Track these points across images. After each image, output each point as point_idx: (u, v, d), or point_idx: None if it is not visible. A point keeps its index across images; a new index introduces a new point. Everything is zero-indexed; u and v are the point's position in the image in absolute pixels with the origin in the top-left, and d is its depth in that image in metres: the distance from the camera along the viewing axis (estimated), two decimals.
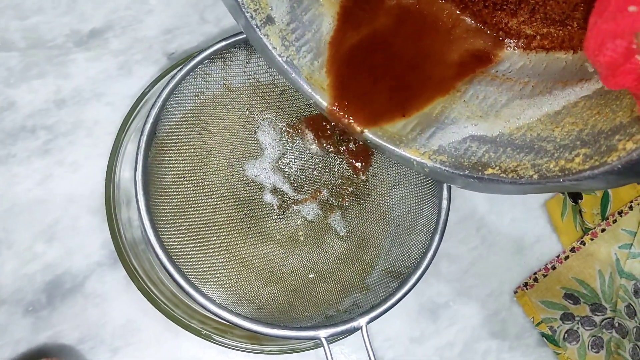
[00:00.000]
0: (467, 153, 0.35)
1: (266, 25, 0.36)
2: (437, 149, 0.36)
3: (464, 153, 0.35)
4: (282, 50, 0.36)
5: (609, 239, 0.52)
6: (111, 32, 0.51)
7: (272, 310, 0.44)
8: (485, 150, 0.34)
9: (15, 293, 0.47)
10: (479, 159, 0.34)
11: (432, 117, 0.36)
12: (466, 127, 0.36)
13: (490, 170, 0.33)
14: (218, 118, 0.47)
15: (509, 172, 0.33)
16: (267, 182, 0.48)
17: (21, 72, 0.49)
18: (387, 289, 0.43)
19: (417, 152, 0.36)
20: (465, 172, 0.34)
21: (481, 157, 0.34)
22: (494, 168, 0.33)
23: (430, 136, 0.36)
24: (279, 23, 0.36)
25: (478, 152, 0.34)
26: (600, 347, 0.51)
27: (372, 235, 0.48)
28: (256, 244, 0.46)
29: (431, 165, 0.35)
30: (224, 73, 0.45)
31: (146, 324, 0.48)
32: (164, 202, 0.43)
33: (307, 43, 0.37)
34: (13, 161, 0.48)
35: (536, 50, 0.37)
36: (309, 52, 0.37)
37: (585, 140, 0.30)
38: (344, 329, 0.40)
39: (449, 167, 0.35)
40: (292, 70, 0.37)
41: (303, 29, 0.37)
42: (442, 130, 0.36)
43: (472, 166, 0.34)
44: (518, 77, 0.36)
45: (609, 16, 0.23)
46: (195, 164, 0.46)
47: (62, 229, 0.48)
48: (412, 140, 0.36)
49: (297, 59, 0.36)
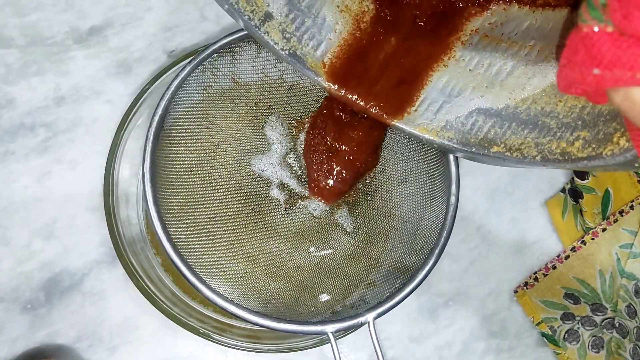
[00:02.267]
0: (474, 128, 0.36)
1: (265, 22, 0.36)
2: (444, 125, 0.37)
3: (470, 128, 0.36)
4: (283, 44, 0.37)
5: (610, 238, 0.52)
6: (110, 29, 0.51)
7: (279, 305, 0.44)
8: (491, 125, 0.36)
9: (13, 291, 0.47)
10: (485, 134, 0.36)
11: (438, 90, 0.37)
12: (472, 99, 0.37)
13: (495, 148, 0.35)
14: (226, 112, 0.47)
15: (513, 151, 0.35)
16: (274, 178, 0.48)
17: (20, 69, 0.49)
18: (394, 285, 0.43)
19: (424, 129, 0.37)
20: (472, 149, 0.36)
21: (487, 132, 0.36)
22: (499, 146, 0.35)
23: (437, 110, 0.37)
24: (277, 17, 0.36)
25: (484, 127, 0.36)
26: (601, 347, 0.51)
27: (379, 231, 0.48)
28: (262, 239, 0.46)
29: (439, 142, 0.37)
30: (233, 67, 0.45)
31: (144, 322, 0.48)
32: (170, 196, 0.43)
33: (308, 30, 0.37)
34: (12, 158, 0.48)
35: (542, 8, 0.37)
36: (310, 39, 0.37)
37: (586, 120, 0.32)
38: (351, 324, 0.40)
39: (456, 143, 0.37)
40: (296, 61, 0.37)
41: (303, 16, 0.37)
42: (449, 104, 0.37)
43: (478, 143, 0.36)
44: (523, 40, 0.37)
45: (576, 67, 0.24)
46: (202, 157, 0.45)
47: (60, 226, 0.48)
48: (420, 116, 0.37)
49: (299, 48, 0.37)
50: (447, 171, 0.44)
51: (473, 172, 0.54)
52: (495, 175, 0.54)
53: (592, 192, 0.52)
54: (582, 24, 0.23)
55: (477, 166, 0.54)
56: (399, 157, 0.48)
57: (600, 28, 0.22)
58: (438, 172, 0.45)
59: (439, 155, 0.45)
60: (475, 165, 0.54)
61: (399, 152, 0.48)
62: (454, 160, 0.44)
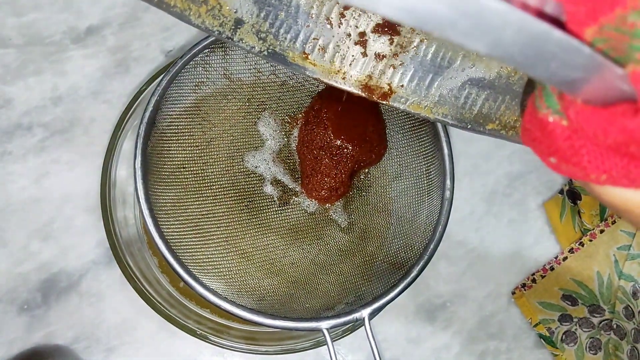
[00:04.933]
0: (468, 102, 0.36)
1: (237, 29, 0.35)
2: (437, 100, 0.36)
3: (464, 102, 0.36)
4: (260, 46, 0.36)
5: (608, 240, 0.52)
6: (108, 29, 0.51)
7: (273, 302, 0.44)
8: (485, 98, 0.35)
9: (10, 292, 0.47)
10: (479, 109, 0.36)
11: (427, 62, 0.37)
12: (464, 69, 0.36)
13: (491, 126, 0.35)
14: (218, 108, 0.47)
15: (509, 129, 0.35)
16: (268, 174, 0.48)
17: (17, 69, 0.49)
18: (390, 281, 0.43)
19: (418, 106, 0.37)
20: (467, 125, 0.36)
21: (481, 106, 0.36)
22: (494, 122, 0.35)
23: (429, 85, 0.36)
24: (248, 20, 0.35)
25: (478, 101, 0.36)
26: (598, 348, 0.51)
27: (374, 227, 0.48)
28: (256, 235, 0.46)
29: (433, 119, 0.37)
30: (225, 63, 0.45)
31: (142, 324, 0.48)
32: (163, 193, 0.42)
33: (283, 23, 0.36)
34: (9, 159, 0.48)
35: None
36: (287, 32, 0.36)
37: None
38: (346, 319, 0.39)
39: (451, 119, 0.36)
40: (277, 59, 0.36)
41: (275, 10, 0.36)
42: (440, 77, 0.36)
43: (473, 119, 0.36)
44: None
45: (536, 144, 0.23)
46: (195, 154, 0.45)
47: (57, 227, 0.48)
48: (412, 92, 0.37)
49: (277, 45, 0.36)
50: (441, 166, 0.44)
51: (471, 175, 0.54)
52: (493, 177, 0.54)
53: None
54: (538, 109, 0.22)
55: (475, 168, 0.54)
56: (393, 153, 0.48)
57: (555, 120, 0.21)
58: (433, 167, 0.45)
59: (433, 150, 0.45)
60: (474, 168, 0.54)
61: (393, 147, 0.48)
62: (449, 155, 0.44)
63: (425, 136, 0.46)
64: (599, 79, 0.18)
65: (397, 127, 0.48)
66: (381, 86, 0.37)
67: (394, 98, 0.37)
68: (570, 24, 0.18)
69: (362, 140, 0.46)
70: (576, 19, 0.18)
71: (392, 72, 0.37)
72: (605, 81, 0.18)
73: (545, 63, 0.17)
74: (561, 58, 0.17)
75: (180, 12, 0.34)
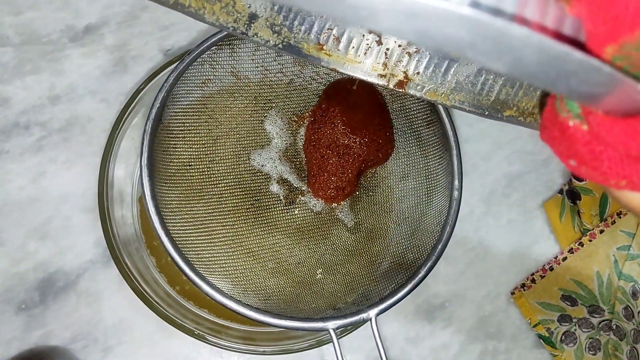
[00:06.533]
0: (485, 88, 0.36)
1: (251, 24, 0.35)
2: (454, 87, 0.36)
3: (481, 89, 0.36)
4: (275, 39, 0.36)
5: (608, 240, 0.52)
6: (106, 28, 0.50)
7: (279, 302, 0.43)
8: (502, 85, 0.35)
9: (7, 291, 0.46)
10: (496, 96, 0.35)
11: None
12: None
13: (508, 112, 0.35)
14: (225, 106, 0.46)
15: (527, 116, 0.35)
16: (274, 173, 0.47)
17: (15, 68, 0.49)
18: (397, 281, 0.42)
19: (434, 94, 0.36)
20: (485, 112, 0.36)
21: (498, 93, 0.35)
22: (511, 109, 0.35)
23: (445, 72, 0.36)
24: (262, 14, 0.35)
25: (495, 87, 0.35)
26: (598, 349, 0.51)
27: (380, 227, 0.48)
28: (262, 234, 0.46)
29: (450, 105, 0.36)
30: (232, 60, 0.45)
31: (139, 324, 0.47)
32: (169, 190, 0.42)
33: (297, 15, 0.36)
34: (6, 158, 0.48)
35: None
36: (301, 24, 0.36)
37: None
38: (353, 320, 0.39)
39: (469, 106, 0.36)
40: (293, 51, 0.36)
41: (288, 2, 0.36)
42: (456, 63, 0.36)
43: (490, 105, 0.36)
44: None
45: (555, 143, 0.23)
46: (201, 152, 0.45)
47: (55, 227, 0.48)
48: (428, 79, 0.36)
49: (292, 38, 0.36)
50: (449, 166, 0.43)
51: (470, 175, 0.53)
52: (492, 177, 0.54)
53: (590, 193, 0.52)
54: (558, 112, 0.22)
55: (474, 169, 0.54)
56: (401, 152, 0.48)
57: (576, 124, 0.21)
58: (440, 167, 0.45)
59: (441, 150, 0.45)
60: (473, 168, 0.54)
61: (400, 147, 0.48)
62: (457, 155, 0.43)
63: (432, 136, 0.46)
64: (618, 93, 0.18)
65: (405, 127, 0.48)
66: (397, 74, 0.37)
67: (410, 86, 0.37)
68: (590, 42, 0.18)
69: (370, 139, 0.46)
70: (596, 39, 0.18)
71: (407, 59, 0.36)
72: (625, 95, 0.18)
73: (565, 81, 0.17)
74: (581, 76, 0.17)
75: (195, 12, 0.34)
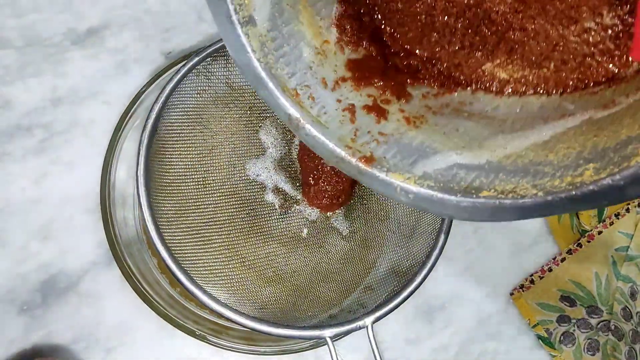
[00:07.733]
0: (456, 178, 0.32)
1: (248, 24, 0.34)
2: (422, 175, 0.33)
3: (452, 179, 0.32)
4: (260, 55, 0.34)
5: (606, 241, 0.52)
6: (108, 30, 0.51)
7: (275, 310, 0.44)
8: (475, 176, 0.32)
9: (10, 292, 0.47)
10: (469, 183, 0.31)
11: (412, 147, 0.34)
12: (450, 155, 0.33)
13: (485, 193, 0.30)
14: (220, 116, 0.47)
15: (507, 193, 0.30)
16: (269, 182, 0.48)
17: (17, 70, 0.49)
18: (392, 288, 0.43)
19: (400, 176, 0.33)
20: (456, 196, 0.31)
21: (472, 182, 0.31)
22: (489, 191, 0.30)
23: (412, 163, 0.33)
24: (260, 27, 0.34)
25: (467, 178, 0.32)
26: (596, 349, 0.51)
27: (375, 234, 0.48)
28: (258, 243, 0.46)
29: (416, 190, 0.32)
30: (227, 71, 0.45)
31: (140, 324, 0.48)
32: (164, 200, 0.43)
33: (285, 55, 0.35)
34: (8, 159, 0.48)
35: (509, 95, 0.36)
36: (287, 65, 0.35)
37: (589, 158, 0.28)
38: (349, 328, 0.40)
39: (438, 190, 0.32)
40: (269, 79, 0.34)
41: (282, 40, 0.35)
42: (425, 159, 0.33)
43: (463, 190, 0.31)
44: (494, 114, 0.35)
45: None
46: (197, 162, 0.46)
47: (57, 228, 0.48)
48: (394, 165, 0.33)
49: (275, 68, 0.34)
50: None
51: None
52: None
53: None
54: None
55: None
56: None
57: None
58: None
59: None
60: None
61: None
62: None
63: None
64: None
65: None
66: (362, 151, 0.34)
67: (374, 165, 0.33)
68: None
69: None
70: None
71: (375, 145, 0.34)
72: None
73: None
74: None
75: None
